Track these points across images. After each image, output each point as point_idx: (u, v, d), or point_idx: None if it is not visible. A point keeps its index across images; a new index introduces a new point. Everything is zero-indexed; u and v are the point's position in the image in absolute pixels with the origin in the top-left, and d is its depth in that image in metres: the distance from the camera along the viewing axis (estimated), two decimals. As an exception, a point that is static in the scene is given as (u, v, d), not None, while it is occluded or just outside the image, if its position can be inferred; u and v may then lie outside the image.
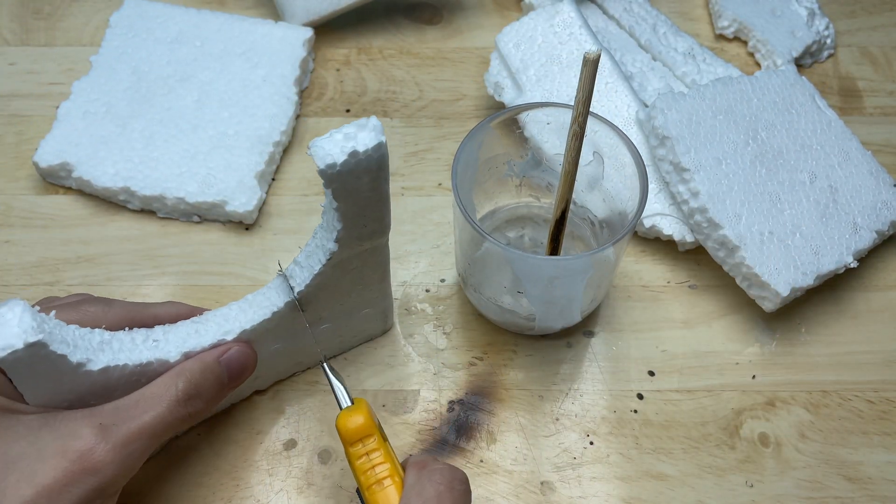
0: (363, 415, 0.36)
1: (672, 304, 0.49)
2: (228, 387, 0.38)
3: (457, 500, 0.33)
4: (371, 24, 0.63)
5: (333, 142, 0.32)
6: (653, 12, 0.61)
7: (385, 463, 0.35)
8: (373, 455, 0.35)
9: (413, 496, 0.33)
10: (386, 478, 0.35)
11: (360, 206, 0.35)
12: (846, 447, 0.44)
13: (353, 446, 0.35)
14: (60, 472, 0.31)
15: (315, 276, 0.38)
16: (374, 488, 0.35)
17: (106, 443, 0.32)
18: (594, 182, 0.45)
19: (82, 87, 0.55)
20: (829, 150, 0.50)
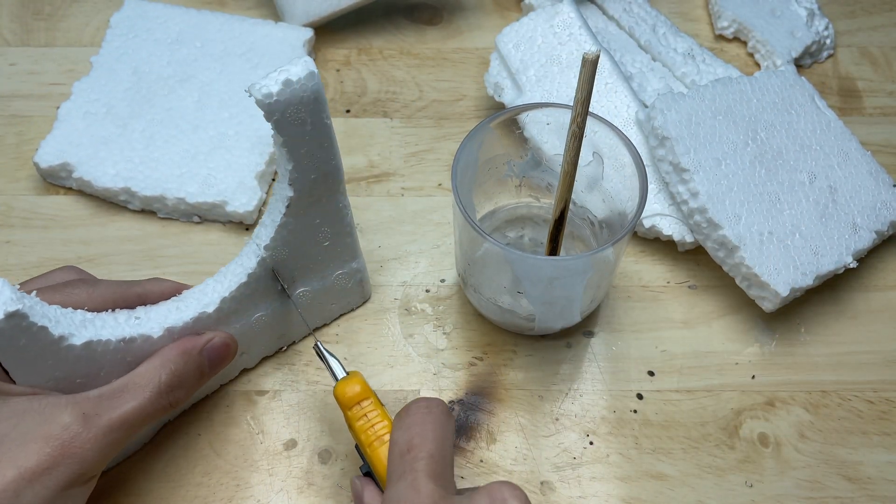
0: (359, 383, 0.38)
1: (672, 304, 0.49)
2: (208, 375, 0.39)
3: (435, 420, 0.34)
4: (371, 24, 0.63)
5: (270, 78, 0.35)
6: (652, 13, 0.61)
7: (383, 421, 0.37)
8: (371, 415, 0.37)
9: (395, 430, 0.35)
10: (385, 434, 0.36)
11: (306, 142, 0.37)
12: (846, 447, 0.44)
13: (351, 410, 0.37)
14: (43, 456, 0.32)
15: (278, 229, 0.39)
16: (375, 445, 0.36)
17: (88, 431, 0.33)
18: (594, 182, 0.45)
19: (83, 87, 0.55)
20: (829, 151, 0.50)
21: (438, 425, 0.34)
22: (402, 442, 0.34)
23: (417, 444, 0.33)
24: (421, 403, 0.35)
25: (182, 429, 0.43)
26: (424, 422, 0.34)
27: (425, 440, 0.33)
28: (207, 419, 0.44)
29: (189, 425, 0.43)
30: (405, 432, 0.34)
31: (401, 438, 0.34)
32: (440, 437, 0.34)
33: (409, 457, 0.33)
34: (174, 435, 0.43)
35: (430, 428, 0.34)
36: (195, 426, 0.43)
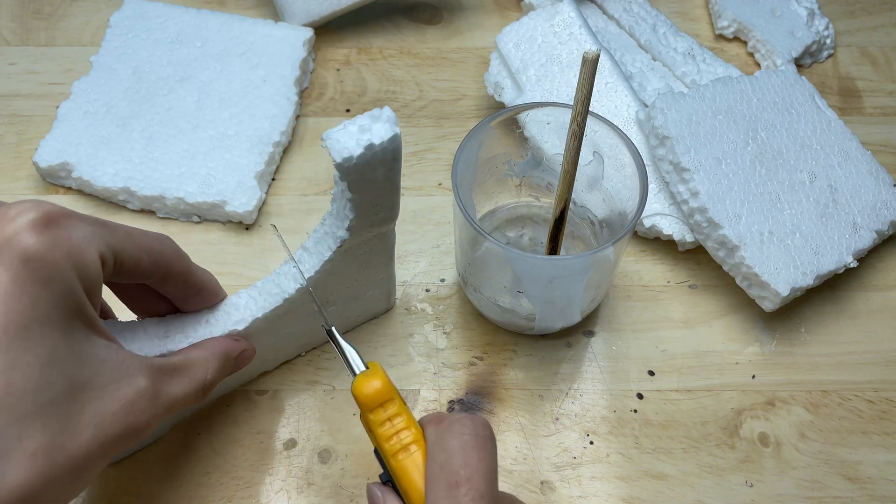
0: (381, 378, 0.33)
1: (672, 303, 0.49)
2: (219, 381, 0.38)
3: (482, 446, 0.31)
4: (371, 24, 0.63)
5: (349, 134, 0.32)
6: (652, 12, 0.61)
7: (409, 428, 0.33)
8: (395, 421, 0.33)
9: (437, 453, 0.31)
10: (412, 443, 0.32)
11: (374, 195, 0.35)
12: (846, 447, 0.44)
13: (374, 413, 0.33)
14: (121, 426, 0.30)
15: (325, 263, 0.38)
16: (399, 455, 0.32)
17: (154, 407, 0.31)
18: (594, 182, 0.45)
19: (82, 87, 0.55)
20: (829, 150, 0.50)
21: (487, 454, 0.31)
22: (447, 470, 0.30)
23: (466, 479, 0.30)
24: (467, 424, 0.32)
25: (182, 429, 0.43)
26: (470, 449, 0.31)
27: (475, 474, 0.30)
28: (207, 419, 0.44)
29: (189, 425, 0.43)
30: (449, 458, 0.31)
31: (445, 465, 0.31)
32: (488, 471, 0.31)
33: (457, 493, 0.30)
34: (174, 435, 0.43)
35: (478, 458, 0.31)
36: (195, 426, 0.43)
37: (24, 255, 0.27)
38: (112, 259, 0.31)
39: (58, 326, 0.28)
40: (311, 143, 0.56)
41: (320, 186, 0.53)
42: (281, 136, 0.53)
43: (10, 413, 0.26)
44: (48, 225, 0.28)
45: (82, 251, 0.29)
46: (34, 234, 0.28)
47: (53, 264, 0.28)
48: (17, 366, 0.26)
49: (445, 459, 0.31)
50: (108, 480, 0.41)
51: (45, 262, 0.27)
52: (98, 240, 0.30)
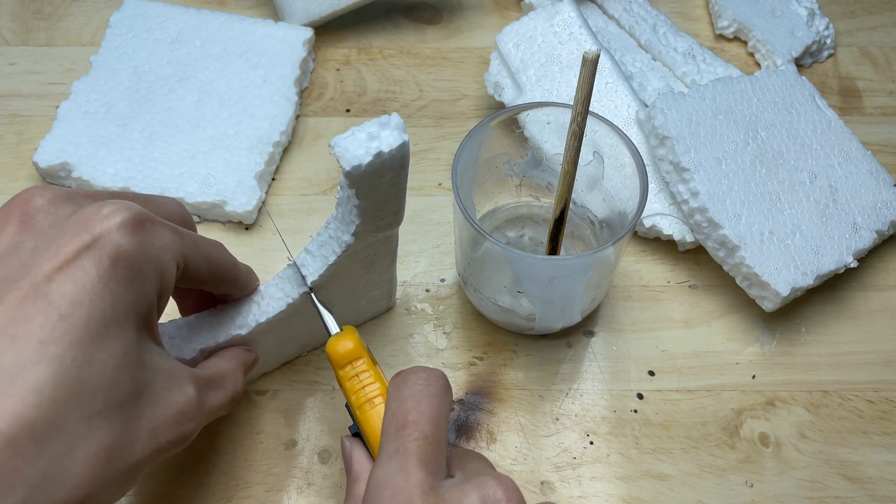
0: (352, 339, 0.36)
1: (672, 303, 0.49)
2: None
3: (433, 394, 0.33)
4: (371, 24, 0.63)
5: (357, 142, 0.32)
6: (653, 12, 0.61)
7: (375, 383, 0.36)
8: (362, 376, 0.36)
9: (392, 400, 0.33)
10: (376, 396, 0.35)
11: (380, 201, 0.36)
12: (846, 447, 0.44)
13: (343, 369, 0.36)
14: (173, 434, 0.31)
15: (329, 267, 0.38)
16: (364, 407, 0.35)
17: (198, 417, 0.32)
18: (594, 182, 0.45)
19: (82, 87, 0.55)
20: (829, 150, 0.50)
21: (436, 401, 0.33)
22: (397, 415, 0.32)
23: (413, 421, 0.32)
24: (420, 374, 0.34)
25: (182, 429, 0.43)
26: (422, 396, 0.33)
27: (421, 417, 0.32)
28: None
29: (189, 425, 0.43)
30: (401, 404, 0.33)
31: (396, 410, 0.32)
32: (436, 416, 0.32)
33: (403, 433, 0.31)
34: (174, 435, 0.43)
35: (427, 404, 0.32)
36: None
37: (115, 253, 0.28)
38: (183, 266, 0.32)
39: (132, 328, 0.28)
40: (311, 143, 0.56)
41: (320, 186, 0.53)
42: (281, 135, 0.53)
43: (80, 409, 0.26)
44: (138, 227, 0.29)
45: (163, 256, 0.30)
46: (125, 234, 0.28)
47: (139, 266, 0.28)
48: (94, 363, 0.27)
49: (397, 405, 0.33)
50: (108, 480, 0.41)
51: (131, 263, 0.28)
52: (175, 247, 0.31)
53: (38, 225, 0.29)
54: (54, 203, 0.30)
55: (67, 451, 0.26)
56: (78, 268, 0.27)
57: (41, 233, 0.29)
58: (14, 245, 0.29)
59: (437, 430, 0.32)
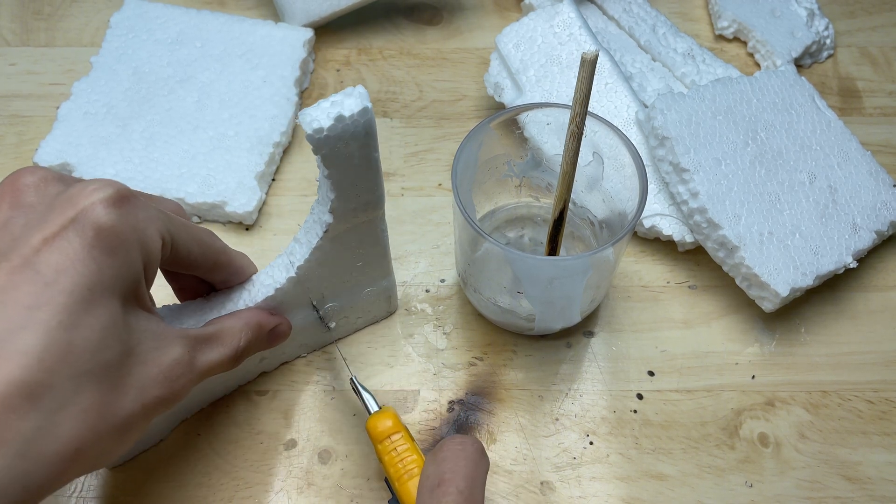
0: (391, 417, 0.39)
1: (672, 304, 0.49)
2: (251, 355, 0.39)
3: (469, 456, 0.34)
4: (371, 24, 0.63)
5: (321, 109, 0.33)
6: (652, 13, 0.61)
7: (412, 455, 0.37)
8: (401, 449, 0.38)
9: (429, 464, 0.35)
10: (414, 468, 0.37)
11: (352, 174, 0.36)
12: (846, 447, 0.44)
13: (381, 444, 0.38)
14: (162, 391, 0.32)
15: (313, 251, 0.39)
16: (404, 478, 0.37)
17: (190, 373, 0.33)
18: (594, 182, 0.45)
19: (82, 87, 0.55)
20: (829, 151, 0.50)
21: (471, 462, 0.34)
22: (433, 476, 0.34)
23: (448, 480, 0.33)
24: (456, 440, 0.35)
25: (182, 429, 0.43)
26: (457, 458, 0.34)
27: (456, 475, 0.33)
28: (207, 419, 0.44)
29: (189, 425, 0.43)
30: (437, 467, 0.34)
31: (432, 473, 0.34)
32: (471, 474, 0.34)
33: (438, 491, 0.33)
34: (174, 435, 0.43)
35: (463, 465, 0.34)
36: (195, 426, 0.43)
37: (97, 225, 0.29)
38: (170, 243, 0.33)
39: (118, 295, 0.30)
40: (311, 143, 0.56)
41: (320, 187, 0.53)
42: (281, 136, 0.53)
43: (69, 369, 0.28)
44: (120, 202, 0.30)
45: (146, 230, 0.31)
46: (107, 208, 0.30)
47: (121, 237, 0.30)
48: (80, 326, 0.28)
49: (434, 468, 0.34)
50: (108, 480, 0.41)
51: (114, 234, 0.30)
52: (160, 222, 0.32)
53: (28, 202, 0.31)
54: (45, 182, 0.32)
55: (59, 408, 0.27)
56: (63, 239, 0.29)
57: (31, 209, 0.31)
58: (5, 221, 0.30)
59: (472, 488, 0.33)
